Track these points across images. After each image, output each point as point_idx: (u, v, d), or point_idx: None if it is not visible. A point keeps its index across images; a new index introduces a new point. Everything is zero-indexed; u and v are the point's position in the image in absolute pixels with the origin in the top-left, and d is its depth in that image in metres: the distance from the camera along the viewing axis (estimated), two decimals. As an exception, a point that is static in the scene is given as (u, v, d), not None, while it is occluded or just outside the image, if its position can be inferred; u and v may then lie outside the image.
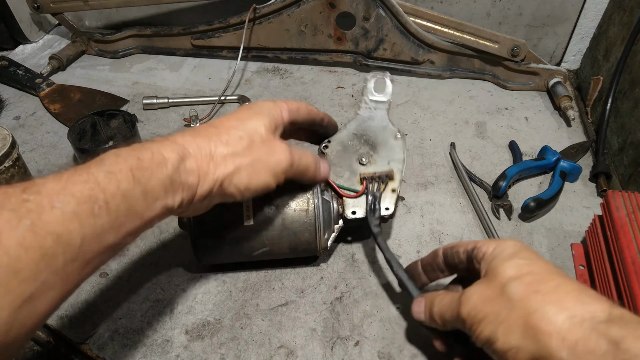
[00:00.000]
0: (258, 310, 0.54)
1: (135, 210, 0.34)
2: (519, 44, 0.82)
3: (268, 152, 0.43)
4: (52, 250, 0.28)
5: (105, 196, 0.32)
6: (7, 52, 1.02)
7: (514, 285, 0.35)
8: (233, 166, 0.40)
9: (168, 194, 0.37)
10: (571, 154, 0.74)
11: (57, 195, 0.30)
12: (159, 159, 0.36)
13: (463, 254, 0.43)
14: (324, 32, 0.90)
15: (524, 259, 0.37)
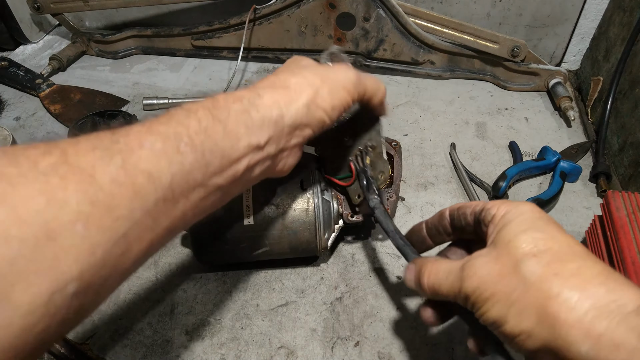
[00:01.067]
0: (258, 311, 0.54)
1: (220, 147, 0.33)
2: (519, 44, 0.82)
3: (334, 71, 0.41)
4: (144, 188, 0.28)
5: (189, 133, 0.31)
6: (7, 53, 1.02)
7: (531, 264, 0.31)
8: (312, 90, 0.39)
9: (251, 130, 0.35)
10: (571, 154, 0.74)
11: (145, 135, 0.29)
12: (233, 98, 0.35)
13: (470, 215, 0.39)
14: (324, 32, 0.90)
15: (541, 232, 0.33)
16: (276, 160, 0.39)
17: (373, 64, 0.92)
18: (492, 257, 0.34)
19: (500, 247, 0.34)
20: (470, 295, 0.34)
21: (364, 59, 0.92)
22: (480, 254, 0.35)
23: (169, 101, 0.85)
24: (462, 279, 0.34)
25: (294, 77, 0.39)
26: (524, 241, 0.33)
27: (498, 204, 0.37)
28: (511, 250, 0.33)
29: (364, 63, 0.92)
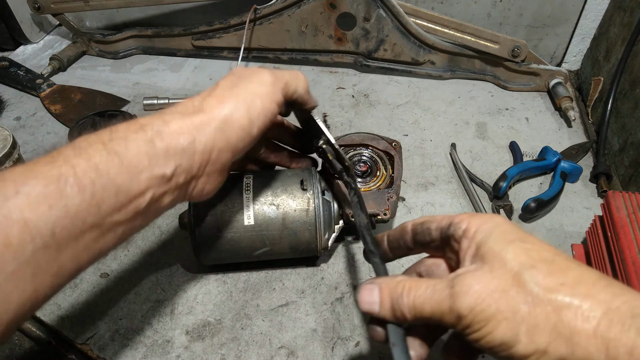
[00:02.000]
0: (259, 311, 0.54)
1: (116, 183, 0.31)
2: (520, 44, 0.82)
3: (246, 81, 0.39)
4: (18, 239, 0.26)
5: (75, 172, 0.29)
6: (7, 53, 1.02)
7: (533, 275, 0.29)
8: (225, 109, 0.37)
9: (154, 161, 0.33)
10: (572, 154, 0.74)
11: (22, 179, 0.28)
12: (135, 127, 0.33)
13: (435, 231, 0.36)
14: (324, 32, 0.90)
15: (528, 243, 0.31)
16: (189, 187, 0.37)
17: (373, 64, 0.92)
18: (486, 271, 0.30)
19: (491, 261, 0.31)
20: (466, 315, 0.29)
21: (364, 59, 0.92)
22: (469, 269, 0.31)
23: (169, 101, 0.85)
24: (452, 295, 0.30)
25: (209, 97, 0.38)
26: (515, 253, 0.30)
27: (467, 217, 0.34)
28: (505, 262, 0.30)
29: (364, 63, 0.92)
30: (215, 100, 0.37)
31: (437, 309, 0.31)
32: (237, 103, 0.37)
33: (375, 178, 0.61)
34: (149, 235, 0.62)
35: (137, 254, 0.60)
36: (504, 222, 0.33)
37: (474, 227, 0.33)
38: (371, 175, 0.61)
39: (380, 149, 0.63)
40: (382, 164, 0.62)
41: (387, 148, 0.63)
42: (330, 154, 0.50)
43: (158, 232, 0.63)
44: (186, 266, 0.59)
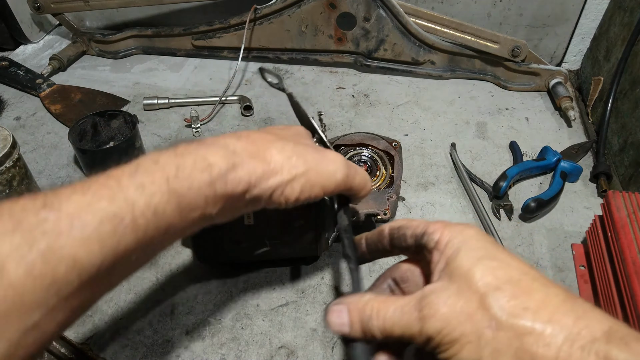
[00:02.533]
0: (259, 311, 0.54)
1: (167, 223, 0.31)
2: (520, 44, 0.82)
3: (322, 160, 0.38)
4: (64, 276, 0.26)
5: (133, 214, 0.29)
6: (7, 53, 1.02)
7: (498, 298, 0.29)
8: (288, 175, 0.36)
9: (209, 204, 0.33)
10: (572, 154, 0.74)
11: (79, 214, 0.27)
12: (202, 166, 0.32)
13: (410, 238, 0.36)
14: (324, 32, 0.90)
15: (496, 260, 0.31)
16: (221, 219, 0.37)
17: (373, 64, 0.92)
18: (453, 292, 0.30)
19: (459, 280, 0.31)
20: (434, 337, 0.30)
21: (364, 59, 0.92)
22: (435, 288, 0.31)
23: (169, 101, 0.85)
24: (421, 318, 0.30)
25: (279, 153, 0.37)
26: (482, 272, 0.30)
27: (440, 227, 0.34)
28: (471, 283, 0.30)
29: (364, 63, 0.92)
30: (285, 159, 0.37)
31: (407, 331, 0.31)
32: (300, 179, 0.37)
33: (376, 178, 0.61)
34: (149, 235, 0.62)
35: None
36: (475, 235, 0.33)
37: (445, 239, 0.33)
38: (371, 175, 0.61)
39: (380, 148, 0.63)
40: (382, 163, 0.62)
41: (387, 148, 0.63)
42: None
43: (158, 232, 0.63)
44: (186, 266, 0.59)
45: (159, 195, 0.30)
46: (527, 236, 0.63)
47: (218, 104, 0.85)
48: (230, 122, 0.83)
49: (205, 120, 0.82)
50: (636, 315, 0.44)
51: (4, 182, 0.60)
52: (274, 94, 0.89)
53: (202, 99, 0.86)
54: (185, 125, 0.82)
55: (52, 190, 0.28)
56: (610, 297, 0.49)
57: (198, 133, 0.80)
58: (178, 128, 0.81)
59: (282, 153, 0.37)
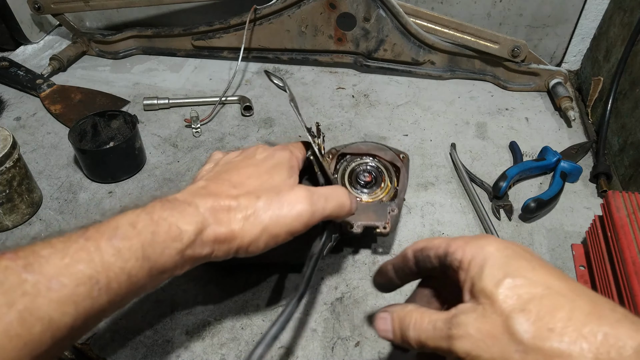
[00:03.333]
0: (259, 311, 0.54)
1: (138, 286, 0.34)
2: (520, 44, 0.82)
3: (283, 207, 0.40)
4: (39, 336, 0.28)
5: (108, 278, 0.31)
6: (8, 53, 1.02)
7: (521, 322, 0.29)
8: (249, 238, 0.39)
9: (178, 266, 0.36)
10: (572, 154, 0.74)
11: (57, 277, 0.29)
12: (175, 233, 0.35)
13: (435, 259, 0.37)
14: (324, 32, 0.90)
15: (519, 277, 0.31)
16: None
17: (373, 64, 0.92)
18: (479, 314, 0.31)
19: (484, 302, 0.31)
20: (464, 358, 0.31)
21: (364, 59, 0.92)
22: (465, 309, 0.32)
23: (169, 101, 0.85)
24: (450, 337, 0.32)
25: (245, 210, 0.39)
26: (505, 293, 0.30)
27: (461, 245, 0.34)
28: (496, 305, 0.30)
29: (364, 63, 0.92)
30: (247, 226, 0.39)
31: (438, 346, 0.33)
32: (263, 235, 0.39)
33: (380, 189, 0.59)
34: (149, 235, 0.62)
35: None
36: (496, 251, 0.33)
37: (468, 258, 0.33)
38: (375, 186, 0.59)
39: (387, 159, 0.61)
40: (388, 175, 0.60)
41: (394, 159, 0.61)
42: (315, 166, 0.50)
43: (158, 232, 0.63)
44: (186, 266, 0.59)
45: (133, 260, 0.33)
46: (527, 236, 0.63)
47: (218, 104, 0.85)
48: (230, 122, 0.83)
49: (205, 121, 0.82)
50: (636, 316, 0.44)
51: (4, 183, 0.60)
52: (274, 95, 0.89)
53: (202, 99, 0.86)
54: (185, 125, 0.82)
55: (31, 249, 0.30)
56: (610, 297, 0.49)
57: (198, 133, 0.80)
58: (178, 128, 0.82)
59: (243, 212, 0.39)
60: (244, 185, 0.42)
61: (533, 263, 0.32)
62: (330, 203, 0.43)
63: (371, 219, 0.54)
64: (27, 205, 0.64)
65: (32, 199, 0.65)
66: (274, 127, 0.82)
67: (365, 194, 0.58)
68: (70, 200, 0.68)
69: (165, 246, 0.35)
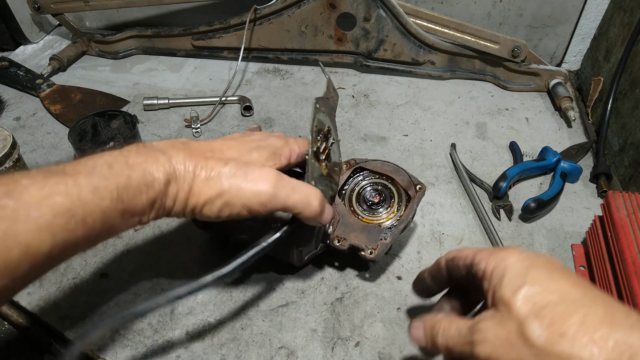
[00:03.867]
0: (258, 311, 0.54)
1: (111, 225, 0.35)
2: (520, 44, 0.82)
3: (245, 181, 0.40)
4: (17, 260, 0.29)
5: (84, 212, 0.32)
6: (7, 53, 1.02)
7: (535, 328, 0.31)
8: (204, 197, 0.40)
9: (146, 212, 0.38)
10: (572, 154, 0.74)
11: (37, 205, 0.30)
12: (149, 179, 0.37)
13: (463, 268, 0.39)
14: (324, 32, 0.90)
15: (535, 285, 0.33)
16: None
17: (373, 64, 0.92)
18: (497, 321, 0.33)
19: (502, 310, 0.33)
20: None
21: (364, 59, 0.92)
22: (485, 316, 0.34)
23: (169, 101, 0.85)
24: (472, 343, 0.34)
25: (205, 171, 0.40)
26: (520, 300, 0.32)
27: (485, 256, 0.37)
28: (512, 312, 0.32)
29: (364, 63, 0.92)
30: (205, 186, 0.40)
31: (463, 351, 0.35)
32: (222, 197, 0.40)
33: (386, 212, 0.56)
34: (149, 236, 0.62)
35: (137, 254, 0.60)
36: (516, 260, 0.35)
37: (490, 268, 0.36)
38: (381, 208, 0.57)
39: (402, 185, 0.57)
40: (398, 201, 0.57)
41: (409, 187, 0.57)
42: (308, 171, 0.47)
43: (158, 232, 0.63)
44: (186, 266, 0.59)
45: (108, 200, 0.34)
46: (527, 236, 0.63)
47: (218, 104, 0.85)
48: (230, 122, 0.83)
49: (205, 121, 0.82)
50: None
51: (4, 182, 0.59)
52: (274, 95, 0.89)
53: (202, 99, 0.86)
54: (185, 125, 0.82)
55: (11, 177, 0.31)
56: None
57: (198, 133, 0.80)
58: (178, 128, 0.81)
59: (206, 172, 0.40)
60: (221, 152, 0.43)
61: (553, 273, 0.34)
62: (296, 195, 0.42)
63: (360, 240, 0.52)
64: (27, 205, 0.64)
65: (32, 199, 0.65)
66: (274, 127, 0.82)
67: (367, 212, 0.57)
68: (70, 200, 0.68)
69: (138, 191, 0.36)
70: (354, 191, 0.58)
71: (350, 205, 0.57)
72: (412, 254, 0.60)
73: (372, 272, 0.58)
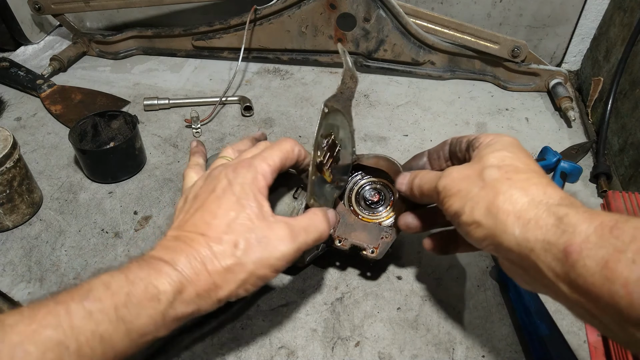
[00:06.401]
0: (259, 311, 0.54)
1: (115, 349, 0.32)
2: (520, 44, 0.82)
3: (268, 249, 0.38)
4: None
5: (78, 343, 0.29)
6: (8, 53, 1.02)
7: (492, 170, 0.37)
8: (234, 284, 0.37)
9: (160, 328, 0.34)
10: (572, 154, 0.73)
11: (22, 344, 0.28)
12: (152, 293, 0.33)
13: (465, 142, 0.44)
14: (324, 33, 0.90)
15: (510, 153, 0.39)
16: None
17: (373, 65, 0.92)
18: (466, 166, 0.40)
19: (475, 161, 0.40)
20: (441, 191, 0.40)
21: (364, 60, 0.92)
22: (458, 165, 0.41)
23: (170, 101, 0.85)
24: (439, 177, 0.41)
25: (222, 259, 0.37)
26: (493, 156, 0.39)
27: (487, 134, 0.42)
28: (482, 162, 0.39)
29: (364, 63, 0.92)
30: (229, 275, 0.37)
31: (430, 188, 0.43)
32: (244, 284, 0.38)
33: (385, 211, 0.56)
34: (149, 236, 0.63)
35: (137, 254, 0.60)
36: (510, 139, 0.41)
37: (487, 140, 0.41)
38: (381, 207, 0.56)
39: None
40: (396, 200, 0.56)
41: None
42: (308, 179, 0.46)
43: (158, 233, 0.63)
44: (186, 266, 0.59)
45: (106, 323, 0.31)
46: (527, 236, 0.63)
47: (218, 104, 0.85)
48: (231, 122, 0.83)
49: (206, 121, 0.82)
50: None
51: (5, 183, 0.60)
52: (274, 95, 0.89)
53: (202, 99, 0.86)
54: (185, 125, 0.82)
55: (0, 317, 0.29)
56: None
57: (198, 133, 0.80)
58: (178, 128, 0.82)
59: (224, 259, 0.37)
60: (213, 228, 0.38)
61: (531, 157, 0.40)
62: (311, 235, 0.41)
63: (362, 239, 0.52)
64: (28, 206, 0.64)
65: (33, 199, 0.65)
66: (274, 128, 0.82)
67: (367, 212, 0.56)
68: (71, 201, 0.68)
69: (142, 307, 0.33)
70: (353, 190, 0.58)
71: (350, 204, 0.57)
72: (412, 254, 0.60)
73: (372, 272, 0.58)
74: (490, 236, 0.36)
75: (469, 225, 0.37)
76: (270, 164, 0.42)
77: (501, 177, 0.37)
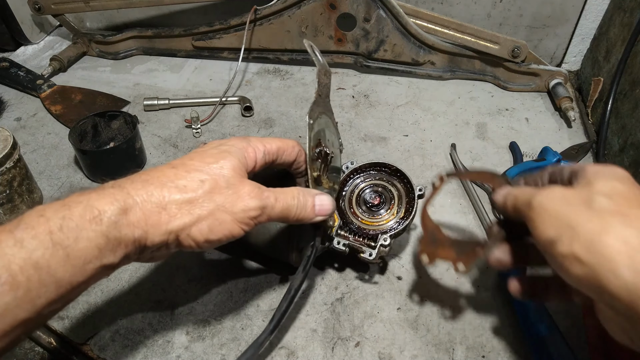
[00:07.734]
0: (259, 311, 0.54)
1: (56, 277, 0.30)
2: (520, 45, 0.82)
3: (233, 197, 0.37)
4: None
5: (10, 269, 0.28)
6: (8, 54, 1.02)
7: (601, 199, 0.32)
8: (190, 217, 0.35)
9: (104, 252, 0.32)
10: (572, 154, 0.74)
11: None
12: (92, 214, 0.32)
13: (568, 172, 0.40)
14: (324, 33, 0.90)
15: (623, 185, 0.34)
16: (137, 260, 0.37)
17: (373, 65, 0.92)
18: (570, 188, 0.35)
19: (581, 185, 0.35)
20: (535, 208, 0.35)
21: (364, 60, 0.92)
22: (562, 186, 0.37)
23: (170, 102, 0.85)
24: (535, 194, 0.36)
25: (181, 192, 0.35)
26: (604, 184, 0.34)
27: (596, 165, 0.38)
28: (590, 188, 0.34)
29: (364, 63, 0.92)
30: (183, 204, 0.35)
31: (524, 201, 0.37)
32: (206, 220, 0.36)
33: (386, 214, 0.55)
34: (149, 236, 0.63)
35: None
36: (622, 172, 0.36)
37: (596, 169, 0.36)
38: (382, 209, 0.56)
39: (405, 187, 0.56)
40: (398, 203, 0.55)
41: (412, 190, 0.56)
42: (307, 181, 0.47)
43: (158, 233, 0.63)
44: (186, 267, 0.59)
45: (41, 250, 0.29)
46: (527, 236, 0.63)
47: (218, 104, 0.85)
48: (231, 122, 0.83)
49: (206, 121, 0.82)
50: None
51: (5, 183, 0.60)
52: (274, 95, 0.89)
53: (202, 99, 0.86)
54: (185, 125, 0.82)
55: None
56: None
57: (198, 134, 0.80)
58: (178, 129, 0.82)
59: (183, 193, 0.35)
60: (186, 165, 0.38)
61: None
62: (279, 203, 0.41)
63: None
64: (28, 206, 0.64)
65: (33, 200, 0.65)
66: (274, 128, 0.82)
67: (367, 215, 0.55)
68: (71, 201, 0.68)
69: (80, 229, 0.31)
70: (354, 193, 0.58)
71: (350, 207, 0.57)
72: (412, 254, 0.60)
73: (372, 273, 0.58)
74: (591, 277, 0.30)
75: (566, 258, 0.31)
76: (265, 145, 0.42)
77: (612, 208, 0.31)
